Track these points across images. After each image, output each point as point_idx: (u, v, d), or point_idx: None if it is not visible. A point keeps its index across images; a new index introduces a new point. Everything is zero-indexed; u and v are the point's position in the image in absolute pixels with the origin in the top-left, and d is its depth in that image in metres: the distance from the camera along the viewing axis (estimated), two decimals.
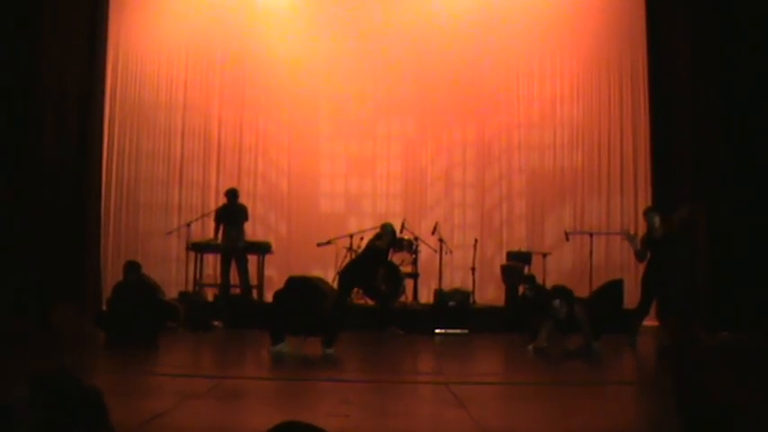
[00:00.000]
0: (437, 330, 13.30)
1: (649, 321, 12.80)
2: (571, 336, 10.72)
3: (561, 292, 10.83)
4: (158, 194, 15.96)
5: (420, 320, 13.51)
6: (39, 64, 13.87)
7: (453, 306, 13.86)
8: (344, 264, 13.83)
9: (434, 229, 14.87)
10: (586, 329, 10.51)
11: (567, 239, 14.88)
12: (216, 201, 15.50)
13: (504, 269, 14.57)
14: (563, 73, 16.07)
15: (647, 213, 12.36)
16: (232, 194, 14.42)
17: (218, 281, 14.57)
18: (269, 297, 13.06)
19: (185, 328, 12.79)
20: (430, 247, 14.85)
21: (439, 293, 14.22)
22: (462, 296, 14.05)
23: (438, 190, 16.55)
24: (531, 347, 10.64)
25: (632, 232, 13.32)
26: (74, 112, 14.31)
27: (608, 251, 15.15)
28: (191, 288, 14.26)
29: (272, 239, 15.32)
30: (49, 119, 14.01)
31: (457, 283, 15.12)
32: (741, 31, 13.32)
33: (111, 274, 14.28)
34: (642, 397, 8.24)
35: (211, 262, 15.05)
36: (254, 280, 14.45)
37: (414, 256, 14.52)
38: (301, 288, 10.10)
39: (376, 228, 13.91)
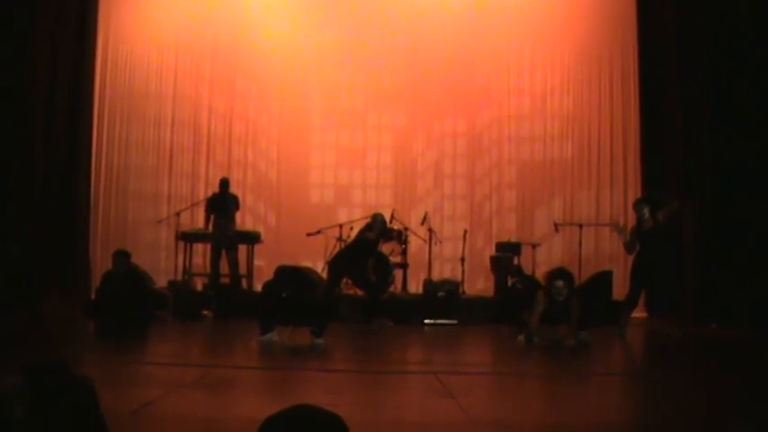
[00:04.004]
0: (426, 321, 13.31)
1: (638, 313, 12.86)
2: (556, 326, 10.70)
3: (564, 274, 10.77)
4: (148, 184, 15.95)
5: (409, 311, 13.51)
6: (29, 53, 13.81)
7: (442, 297, 13.85)
8: (334, 254, 13.82)
9: (424, 219, 14.88)
10: (574, 323, 10.48)
11: (557, 231, 14.92)
12: (205, 190, 15.51)
13: (493, 260, 14.61)
14: (554, 65, 16.09)
15: (636, 205, 12.37)
16: (224, 184, 14.41)
17: (208, 270, 14.57)
18: (258, 287, 13.07)
19: (174, 317, 12.78)
20: (419, 237, 14.87)
21: (428, 284, 14.22)
22: (451, 287, 14.05)
23: (428, 181, 16.57)
24: (522, 336, 10.59)
25: (621, 224, 13.35)
26: (64, 101, 14.27)
27: (597, 243, 15.20)
28: (180, 277, 14.25)
29: (261, 229, 15.34)
30: (38, 108, 13.95)
31: (446, 274, 15.15)
32: (731, 25, 13.36)
33: (101, 263, 14.27)
34: (631, 388, 8.28)
35: (201, 251, 15.05)
36: (243, 269, 14.45)
37: (403, 246, 14.52)
38: (291, 278, 10.10)
39: (366, 218, 13.90)
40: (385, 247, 13.93)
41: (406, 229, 14.69)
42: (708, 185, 13.45)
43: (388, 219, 13.99)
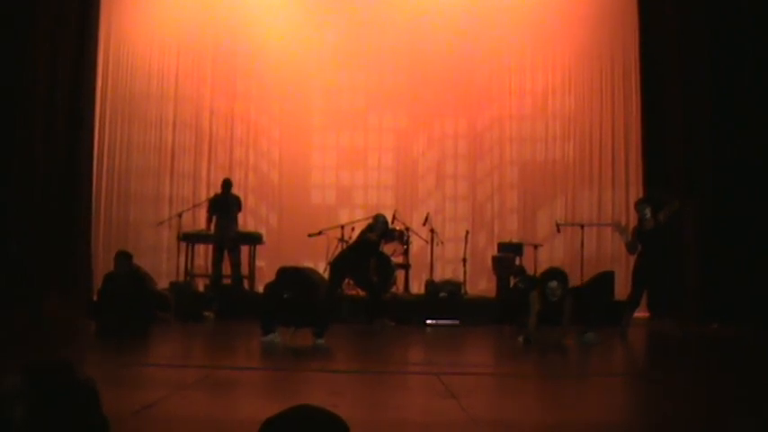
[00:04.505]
0: (428, 321, 13.32)
1: (640, 313, 12.85)
2: (554, 327, 10.67)
3: (559, 274, 10.74)
4: (149, 185, 15.95)
5: (411, 311, 13.51)
6: (30, 54, 13.80)
7: (444, 297, 13.86)
8: (336, 254, 13.82)
9: (426, 219, 14.88)
10: (567, 323, 10.45)
11: (559, 231, 14.91)
12: (207, 192, 15.52)
13: (495, 260, 14.59)
14: (555, 65, 16.09)
15: (638, 205, 12.38)
16: (226, 185, 14.41)
17: (210, 271, 14.57)
18: (260, 288, 13.06)
19: (176, 318, 12.78)
20: (421, 238, 14.87)
21: (430, 284, 14.23)
22: (453, 287, 14.06)
23: (430, 182, 16.58)
24: (521, 337, 10.59)
25: (623, 224, 13.34)
26: (64, 101, 14.26)
27: (599, 243, 15.20)
28: (181, 278, 14.24)
29: (263, 230, 15.35)
30: (38, 108, 13.95)
31: (448, 275, 15.16)
32: (732, 21, 13.37)
33: (102, 265, 14.27)
34: (632, 388, 8.27)
35: (202, 252, 15.05)
36: (245, 270, 14.45)
37: (405, 246, 14.52)
38: (292, 279, 10.08)
39: (367, 219, 13.89)
40: (387, 248, 13.92)
41: (407, 229, 14.69)
42: (709, 182, 13.45)
43: (389, 219, 13.98)
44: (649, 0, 14.69)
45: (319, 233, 14.42)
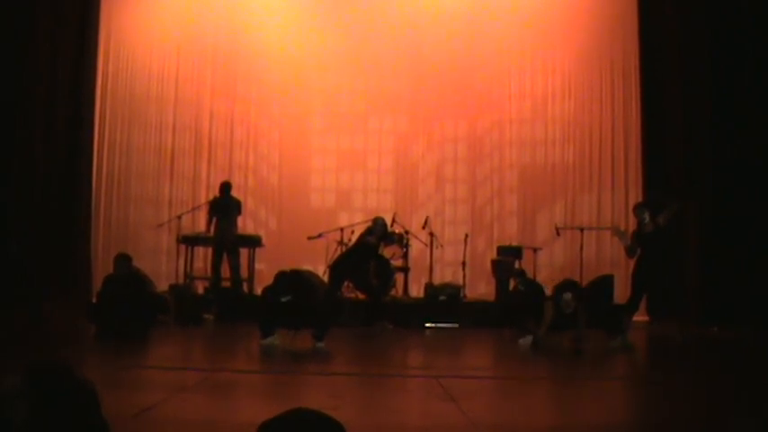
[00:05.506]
0: (427, 324, 13.31)
1: (640, 316, 12.83)
2: (562, 333, 10.67)
3: (573, 287, 10.74)
4: (149, 188, 15.92)
5: (410, 315, 13.50)
6: (30, 56, 13.81)
7: (444, 300, 13.86)
8: (335, 257, 13.81)
9: (425, 222, 14.87)
10: (584, 331, 10.46)
11: (558, 235, 14.88)
12: (206, 194, 15.49)
13: (494, 264, 14.58)
14: (555, 69, 16.07)
15: (636, 209, 12.35)
16: (225, 188, 14.39)
17: (209, 274, 14.55)
18: (259, 291, 13.04)
19: (175, 321, 12.76)
20: (421, 241, 14.86)
21: (429, 288, 14.22)
22: (453, 290, 14.05)
23: (429, 185, 16.55)
24: (522, 340, 10.55)
25: (623, 228, 13.33)
26: (64, 101, 14.27)
27: (599, 247, 15.17)
28: (181, 281, 14.22)
29: (262, 233, 15.32)
30: (39, 111, 13.96)
31: (447, 278, 15.12)
32: (732, 21, 13.39)
33: (102, 267, 14.24)
34: (632, 391, 8.27)
35: (202, 255, 15.02)
36: (244, 273, 14.43)
37: (404, 250, 14.51)
38: (291, 281, 10.08)
39: (367, 222, 13.89)
40: (386, 251, 13.90)
41: (407, 232, 14.68)
42: (709, 182, 13.47)
43: (389, 222, 13.97)
44: (649, 0, 14.70)
45: (319, 236, 14.41)
